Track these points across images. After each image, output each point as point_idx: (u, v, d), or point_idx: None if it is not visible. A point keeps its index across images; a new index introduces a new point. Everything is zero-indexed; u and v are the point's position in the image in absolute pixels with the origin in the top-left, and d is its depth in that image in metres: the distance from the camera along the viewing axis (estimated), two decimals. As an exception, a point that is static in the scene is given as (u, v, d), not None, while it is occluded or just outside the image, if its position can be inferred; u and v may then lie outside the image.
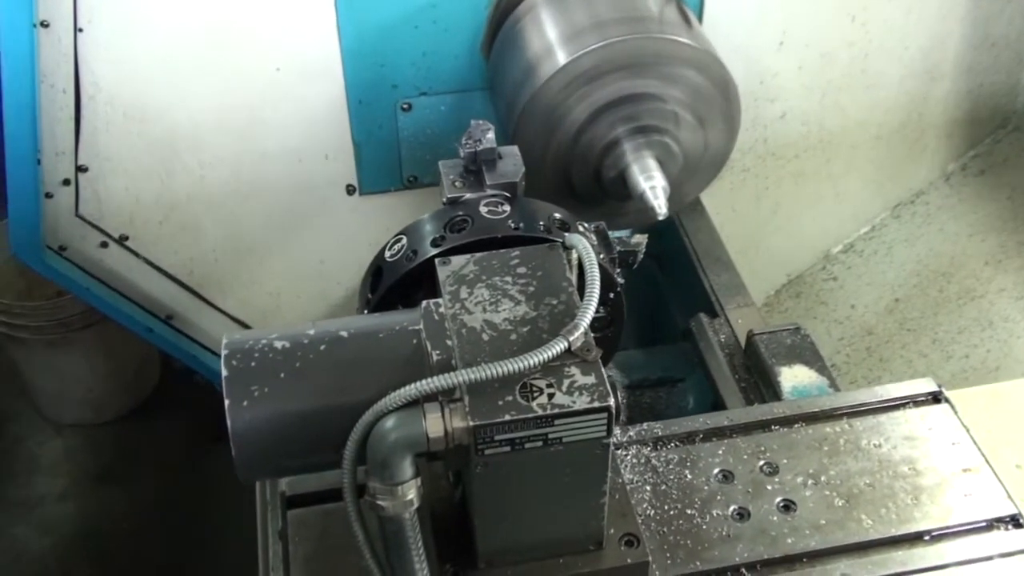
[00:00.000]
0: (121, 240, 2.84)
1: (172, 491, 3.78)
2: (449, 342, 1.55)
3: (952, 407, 2.01)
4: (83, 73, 2.54)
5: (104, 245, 2.83)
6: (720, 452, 1.94)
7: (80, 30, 2.48)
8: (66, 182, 2.69)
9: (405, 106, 2.77)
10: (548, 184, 2.48)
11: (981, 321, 3.32)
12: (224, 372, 1.52)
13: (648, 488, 1.88)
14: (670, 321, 3.06)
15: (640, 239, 1.98)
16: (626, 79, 2.42)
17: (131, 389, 4.05)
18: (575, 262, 1.70)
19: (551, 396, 1.48)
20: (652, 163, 2.42)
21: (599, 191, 2.53)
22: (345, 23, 2.60)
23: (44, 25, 2.45)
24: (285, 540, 1.81)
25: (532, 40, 2.55)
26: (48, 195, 2.68)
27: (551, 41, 2.49)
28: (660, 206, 2.35)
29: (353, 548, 1.59)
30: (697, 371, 2.61)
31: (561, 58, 2.41)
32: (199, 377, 3.11)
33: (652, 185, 2.37)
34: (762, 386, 2.31)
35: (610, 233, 1.97)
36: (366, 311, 1.89)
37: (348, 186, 2.90)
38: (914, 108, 3.40)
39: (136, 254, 2.88)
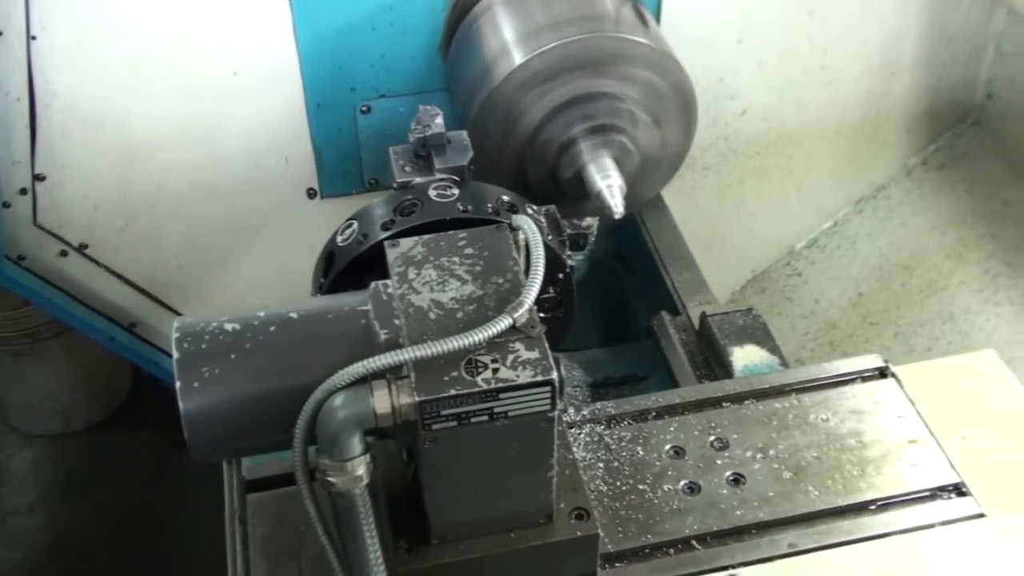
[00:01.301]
0: (81, 248, 2.85)
1: (143, 500, 3.78)
2: (397, 321, 1.58)
3: (898, 381, 2.05)
4: (37, 81, 2.56)
5: (64, 254, 2.84)
6: (672, 429, 1.98)
7: (33, 38, 2.49)
8: (23, 191, 2.69)
9: (364, 108, 2.79)
10: (504, 183, 2.50)
11: (942, 314, 3.36)
12: (175, 354, 1.55)
13: (601, 465, 1.92)
14: (634, 319, 3.08)
15: (591, 221, 2.02)
16: (582, 78, 2.45)
17: (101, 398, 4.04)
18: (523, 243, 1.74)
19: (496, 371, 1.51)
20: (609, 162, 2.44)
21: (556, 190, 2.55)
22: (302, 26, 2.62)
23: None
24: (244, 523, 1.83)
25: (489, 40, 2.57)
26: (5, 204, 2.69)
27: (507, 41, 2.51)
28: (616, 205, 2.37)
29: (310, 529, 1.62)
30: (660, 369, 2.63)
31: (517, 57, 2.43)
32: (167, 385, 3.13)
33: (608, 184, 2.39)
34: (715, 366, 2.34)
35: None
36: (319, 295, 1.92)
37: (309, 190, 2.93)
38: (874, 103, 3.43)
39: (97, 262, 2.89)
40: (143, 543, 3.69)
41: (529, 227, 1.69)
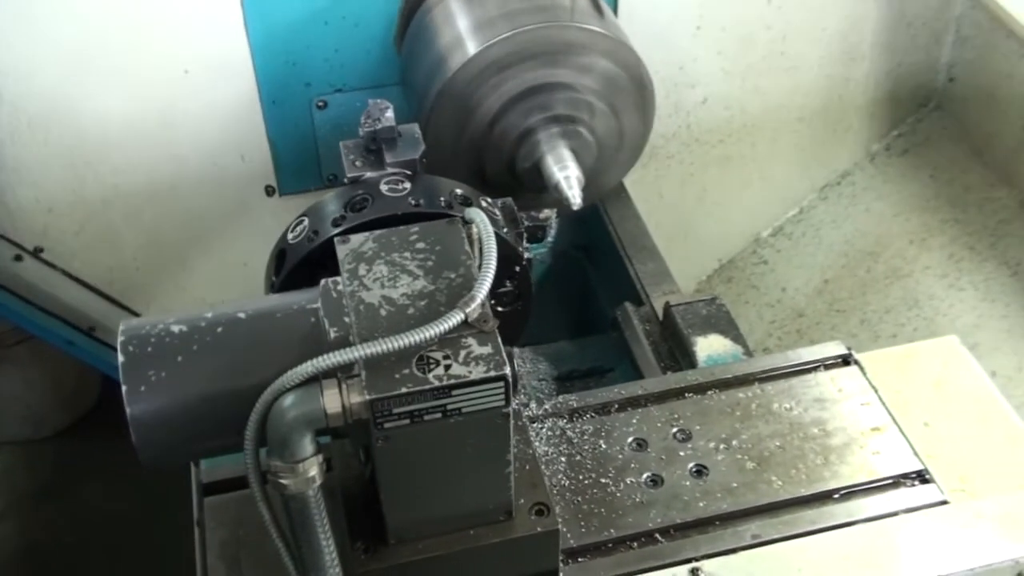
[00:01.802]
0: (36, 252, 2.81)
1: (113, 507, 3.73)
2: (347, 319, 1.55)
3: (862, 369, 2.04)
4: None
5: (18, 258, 2.80)
6: (634, 421, 1.96)
7: None
8: None
9: (320, 104, 2.76)
10: (461, 177, 2.47)
11: (907, 300, 3.36)
12: (120, 358, 1.52)
13: (563, 459, 1.90)
14: (600, 311, 3.07)
15: (548, 213, 1.99)
16: (538, 68, 2.42)
17: (69, 404, 3.99)
18: (476, 237, 1.71)
19: (448, 367, 1.48)
20: (566, 153, 2.42)
21: (514, 182, 2.53)
22: (253, 21, 2.59)
23: None
24: (202, 527, 1.80)
25: (442, 31, 2.54)
26: None
27: (461, 31, 2.48)
28: (574, 196, 2.35)
29: (264, 531, 1.59)
30: (625, 360, 2.62)
31: (471, 48, 2.41)
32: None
33: (566, 175, 2.38)
34: (679, 356, 2.32)
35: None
36: (271, 293, 1.89)
37: (267, 187, 2.89)
38: (835, 90, 3.43)
39: (53, 266, 2.85)
40: (113, 549, 3.64)
41: (481, 220, 1.66)
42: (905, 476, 1.87)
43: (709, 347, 2.26)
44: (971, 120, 3.56)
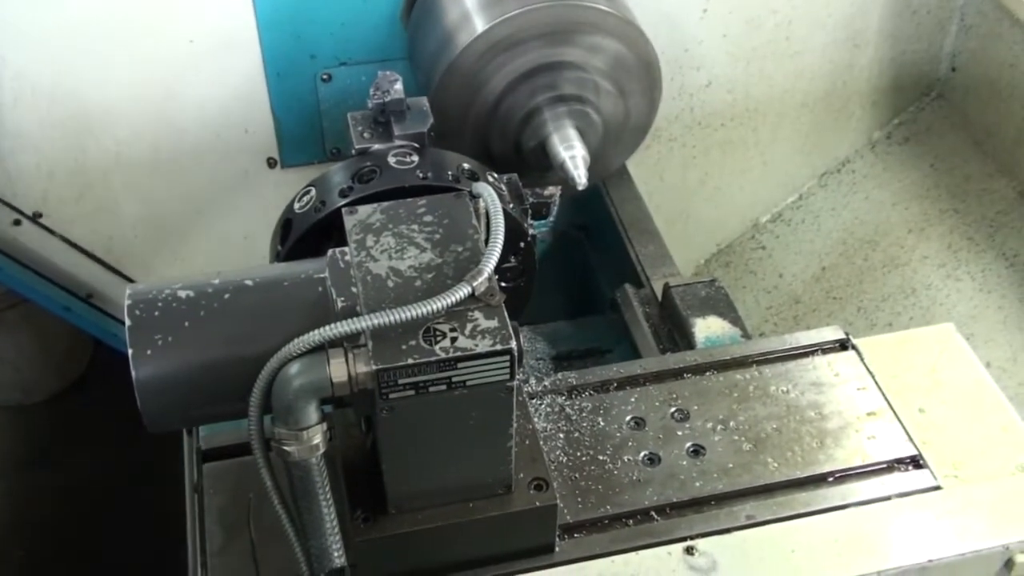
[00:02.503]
0: (35, 217, 2.81)
1: (106, 472, 3.73)
2: (354, 289, 1.56)
3: (859, 354, 2.06)
4: None
5: (17, 223, 2.80)
6: (633, 400, 1.98)
7: None
8: None
9: (325, 77, 2.76)
10: (467, 155, 2.48)
11: (904, 289, 3.37)
12: (127, 322, 1.53)
13: (561, 436, 1.91)
14: (599, 291, 3.08)
15: (553, 190, 2.00)
16: (545, 47, 2.42)
17: (61, 369, 3.98)
18: (483, 211, 1.72)
19: (454, 340, 1.49)
20: (572, 133, 2.42)
21: (520, 162, 2.52)
22: (260, -7, 2.59)
23: None
24: (200, 493, 1.82)
25: (450, 7, 2.52)
26: None
27: (468, 8, 2.47)
28: (580, 176, 2.35)
29: (266, 498, 1.60)
30: (624, 342, 2.63)
31: (479, 25, 2.40)
32: (124, 356, 3.09)
33: (572, 155, 2.38)
34: (677, 337, 2.34)
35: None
36: (277, 262, 1.90)
37: (269, 159, 2.89)
38: (838, 76, 3.44)
39: (51, 232, 2.85)
40: (104, 515, 3.65)
41: (489, 195, 1.66)
42: (899, 461, 1.88)
43: (707, 329, 2.27)
44: (973, 110, 3.57)
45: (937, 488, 1.85)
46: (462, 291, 1.50)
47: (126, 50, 2.61)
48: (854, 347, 2.07)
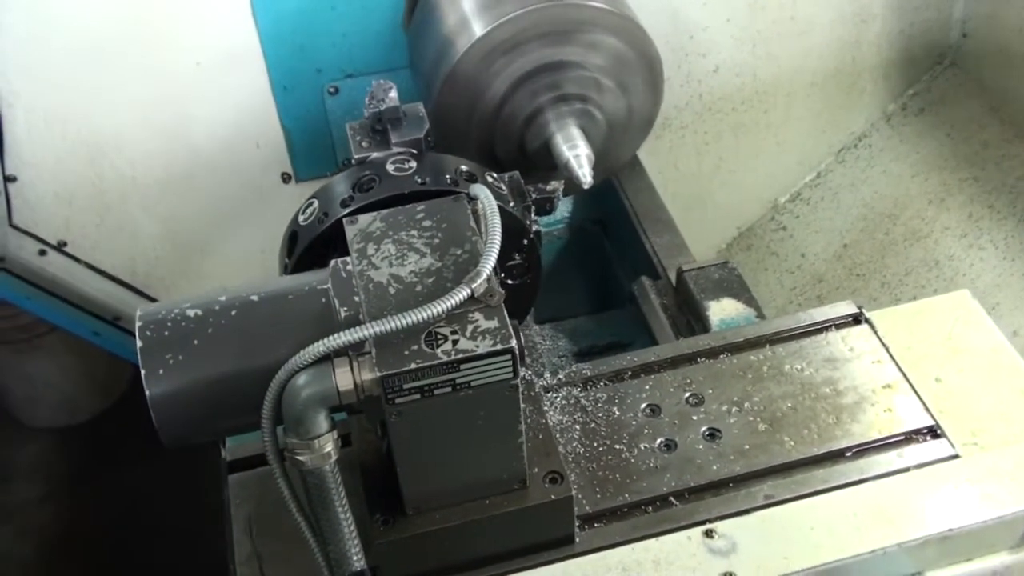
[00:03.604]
0: (60, 246, 2.86)
1: (150, 489, 3.80)
2: (356, 298, 1.59)
3: (872, 327, 2.05)
4: None
5: (43, 253, 2.85)
6: (647, 387, 1.98)
7: None
8: None
9: (332, 90, 2.79)
10: (471, 159, 2.49)
11: (927, 261, 3.35)
12: (139, 343, 1.57)
13: (577, 427, 1.92)
14: (619, 285, 3.08)
15: (556, 185, 2.01)
16: (545, 47, 2.41)
17: (103, 389, 4.06)
18: (482, 212, 1.74)
19: (455, 342, 1.51)
20: (576, 132, 2.42)
21: (525, 163, 2.51)
22: (261, 10, 2.62)
23: None
24: (226, 503, 1.85)
25: (448, 12, 2.53)
26: None
27: (467, 12, 2.48)
28: (585, 175, 2.35)
29: (283, 506, 1.63)
30: (644, 335, 2.63)
31: (477, 29, 2.40)
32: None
33: (576, 154, 2.37)
34: (693, 322, 2.34)
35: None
36: (284, 275, 1.93)
37: (283, 174, 2.93)
38: (847, 51, 3.42)
39: (76, 259, 2.90)
40: (150, 531, 3.72)
41: (485, 195, 1.68)
42: (916, 432, 1.88)
43: (722, 311, 2.27)
44: (987, 76, 3.54)
45: (956, 457, 1.84)
46: (461, 294, 1.52)
47: (134, 74, 2.65)
48: (867, 320, 2.07)
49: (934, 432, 1.88)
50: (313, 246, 1.87)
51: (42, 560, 3.70)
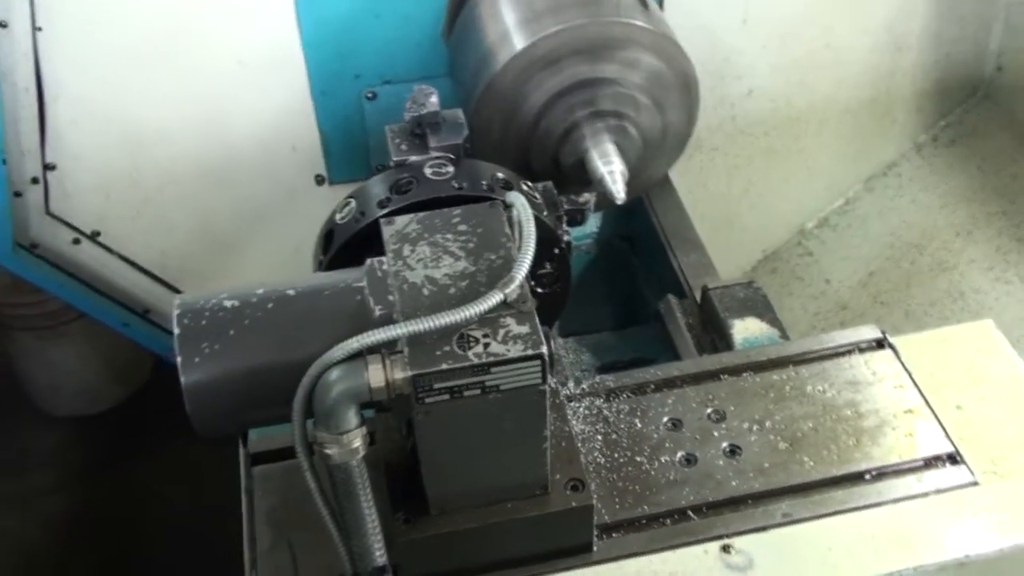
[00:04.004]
0: (93, 236, 2.90)
1: (165, 481, 3.83)
2: (391, 297, 1.61)
3: (896, 352, 2.07)
4: (45, 72, 2.60)
5: (77, 242, 2.89)
6: (670, 401, 2.01)
7: (39, 29, 2.54)
8: (35, 180, 2.74)
9: (370, 95, 2.82)
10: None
11: (952, 293, 3.36)
12: (176, 330, 1.60)
13: (599, 437, 1.94)
14: (644, 301, 3.10)
15: (588, 197, 2.04)
16: (584, 64, 2.44)
17: (124, 379, 4.09)
18: (516, 220, 1.76)
19: (487, 346, 1.54)
20: (611, 148, 2.43)
21: (559, 176, 2.51)
22: (305, 14, 2.65)
23: (2, 25, 2.51)
24: (250, 495, 1.88)
25: (489, 25, 2.57)
26: (17, 194, 2.74)
27: (508, 26, 2.51)
28: (619, 191, 2.36)
29: (309, 499, 1.66)
30: (667, 352, 2.64)
31: (518, 43, 2.43)
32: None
33: (611, 170, 2.38)
34: (716, 339, 2.36)
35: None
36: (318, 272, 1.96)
37: (317, 176, 2.96)
38: (881, 80, 3.43)
39: (109, 249, 2.93)
40: (163, 523, 3.74)
41: (521, 203, 1.71)
42: (936, 458, 1.89)
43: (746, 330, 2.29)
44: (1019, 110, 3.55)
45: (975, 484, 1.86)
46: (494, 298, 1.55)
47: (176, 72, 2.69)
48: (891, 345, 2.09)
49: (954, 459, 1.89)
50: (349, 245, 1.90)
51: (53, 547, 3.72)
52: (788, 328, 2.39)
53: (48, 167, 2.74)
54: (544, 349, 1.54)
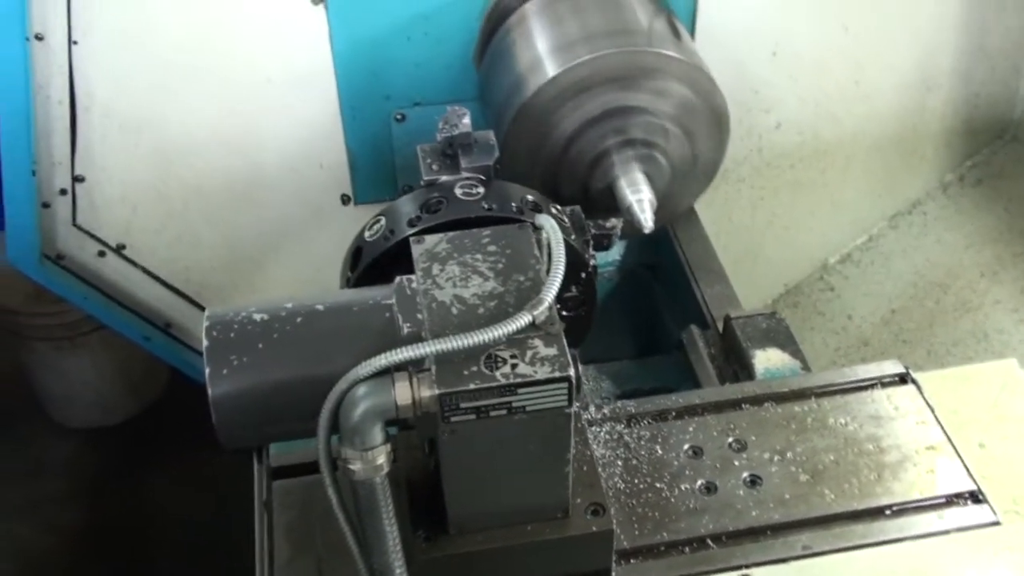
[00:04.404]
0: (119, 249, 2.91)
1: (177, 494, 3.86)
2: (420, 315, 1.62)
3: (919, 388, 2.07)
4: (78, 85, 2.62)
5: (102, 254, 2.90)
6: (691, 429, 2.01)
7: (75, 43, 2.56)
8: (63, 192, 2.76)
9: (399, 116, 2.83)
10: None
11: (976, 333, 3.34)
12: (205, 342, 1.61)
13: (620, 463, 1.95)
14: (666, 331, 3.09)
15: (615, 222, 2.05)
16: (615, 92, 2.45)
17: (139, 392, 4.12)
18: (545, 242, 1.77)
19: (514, 367, 1.54)
20: (640, 176, 2.44)
21: (587, 202, 2.52)
22: (338, 34, 2.68)
23: (39, 38, 2.53)
24: (269, 509, 1.89)
25: (522, 51, 2.59)
26: (46, 205, 2.76)
27: (541, 53, 2.53)
28: (647, 220, 2.36)
29: (331, 515, 1.66)
30: (688, 383, 2.64)
31: (551, 70, 2.45)
32: (200, 385, 3.18)
33: (639, 199, 2.39)
34: (738, 369, 2.36)
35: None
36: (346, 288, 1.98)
37: (343, 196, 2.97)
38: (910, 118, 3.42)
39: (134, 263, 2.95)
40: (174, 536, 3.77)
41: (551, 226, 1.72)
42: (958, 495, 1.89)
43: (768, 360, 2.29)
44: (1048, 153, 3.55)
45: (996, 523, 1.85)
46: (523, 319, 1.55)
47: (208, 87, 2.71)
48: (914, 381, 2.08)
49: (976, 497, 1.88)
50: (377, 262, 1.91)
51: (64, 556, 3.74)
52: (809, 363, 2.39)
53: (77, 179, 2.76)
54: (572, 371, 1.54)
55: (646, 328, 3.26)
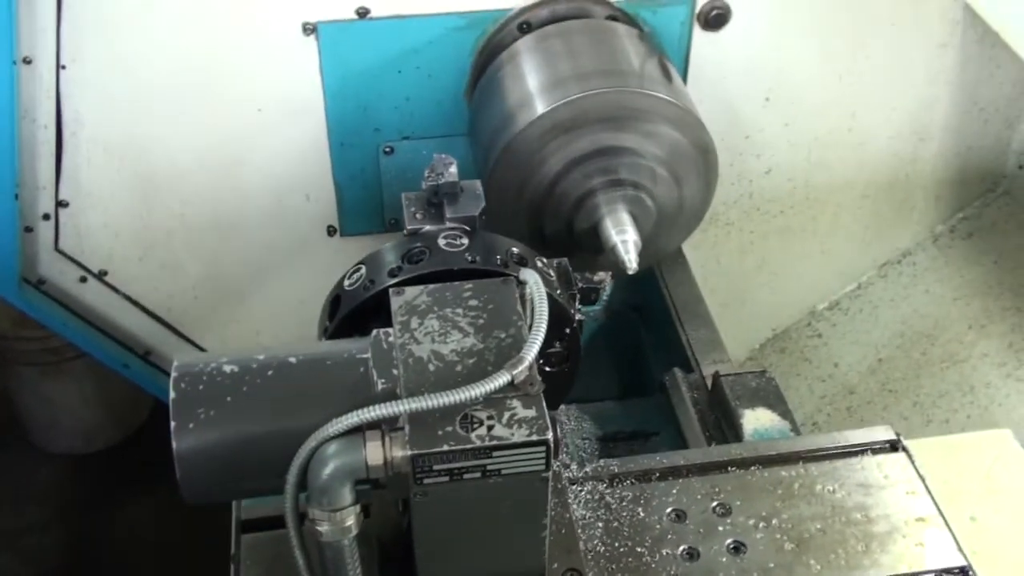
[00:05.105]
0: (100, 275, 2.88)
1: (158, 523, 3.80)
2: (395, 371, 1.57)
3: (910, 456, 2.02)
4: (65, 109, 2.60)
5: (83, 280, 2.87)
6: (675, 491, 1.95)
7: (63, 67, 2.53)
8: (46, 216, 2.73)
9: (387, 149, 2.81)
10: (520, 233, 2.48)
11: (963, 386, 3.31)
12: (172, 394, 1.55)
13: (600, 525, 1.89)
14: (649, 373, 3.06)
15: (603, 276, 2.01)
16: (604, 132, 2.43)
17: (122, 419, 4.08)
18: (529, 297, 1.72)
19: (491, 428, 1.50)
20: (625, 217, 2.41)
21: (571, 242, 2.53)
22: (328, 66, 2.65)
23: (27, 62, 2.50)
24: (237, 564, 1.83)
25: (512, 87, 2.57)
26: (28, 229, 2.73)
27: (531, 89, 2.51)
28: (631, 261, 2.34)
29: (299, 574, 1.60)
30: (671, 426, 2.60)
31: (539, 107, 2.43)
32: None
33: (624, 239, 2.37)
34: (725, 427, 2.31)
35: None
36: (324, 339, 1.92)
37: (329, 227, 2.94)
38: (902, 168, 3.41)
39: (115, 290, 2.91)
40: (153, 565, 3.72)
41: (535, 282, 1.67)
42: (947, 571, 1.83)
43: (756, 420, 2.25)
44: (1039, 208, 3.52)
45: (985, 602, 1.80)
46: (501, 379, 1.50)
47: (196, 115, 2.68)
48: (905, 449, 2.03)
49: (965, 573, 1.83)
50: (356, 312, 1.86)
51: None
52: (794, 410, 2.35)
53: (61, 204, 2.73)
54: (550, 435, 1.49)
55: (630, 369, 3.23)
